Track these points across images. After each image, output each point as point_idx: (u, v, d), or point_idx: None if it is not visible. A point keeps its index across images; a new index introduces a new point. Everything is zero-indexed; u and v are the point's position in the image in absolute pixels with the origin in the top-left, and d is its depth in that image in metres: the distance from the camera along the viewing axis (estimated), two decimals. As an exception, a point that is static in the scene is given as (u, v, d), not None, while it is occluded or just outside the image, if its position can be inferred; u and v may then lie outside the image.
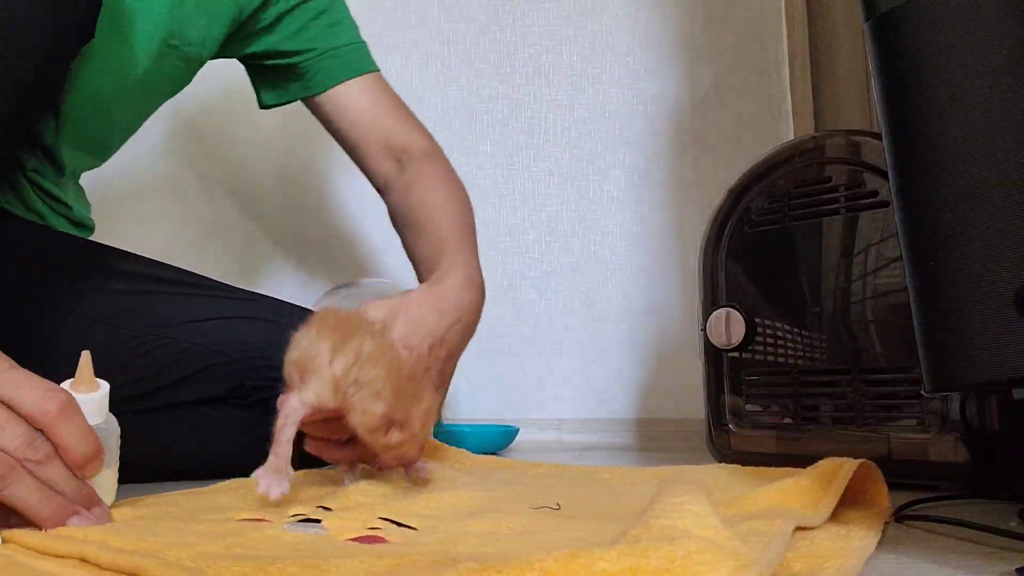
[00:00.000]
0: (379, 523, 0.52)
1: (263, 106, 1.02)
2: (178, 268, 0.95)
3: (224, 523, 0.52)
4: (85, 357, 0.53)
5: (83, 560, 0.42)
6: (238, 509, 0.59)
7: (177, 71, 0.91)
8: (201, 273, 0.97)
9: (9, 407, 0.47)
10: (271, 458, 0.57)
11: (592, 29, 1.48)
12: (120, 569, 0.40)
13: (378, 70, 1.00)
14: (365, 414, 0.55)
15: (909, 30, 0.44)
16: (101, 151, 0.96)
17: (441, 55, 1.50)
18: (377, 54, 1.01)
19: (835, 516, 0.53)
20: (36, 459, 0.47)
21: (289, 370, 0.58)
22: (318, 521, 0.52)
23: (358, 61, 0.98)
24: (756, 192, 0.87)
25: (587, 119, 1.48)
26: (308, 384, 0.56)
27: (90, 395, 0.52)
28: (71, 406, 0.49)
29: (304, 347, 0.57)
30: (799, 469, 0.59)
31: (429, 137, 1.01)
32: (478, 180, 1.47)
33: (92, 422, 0.51)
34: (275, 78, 0.99)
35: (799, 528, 0.49)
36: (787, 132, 1.39)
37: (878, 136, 0.79)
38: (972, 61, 0.42)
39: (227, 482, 0.73)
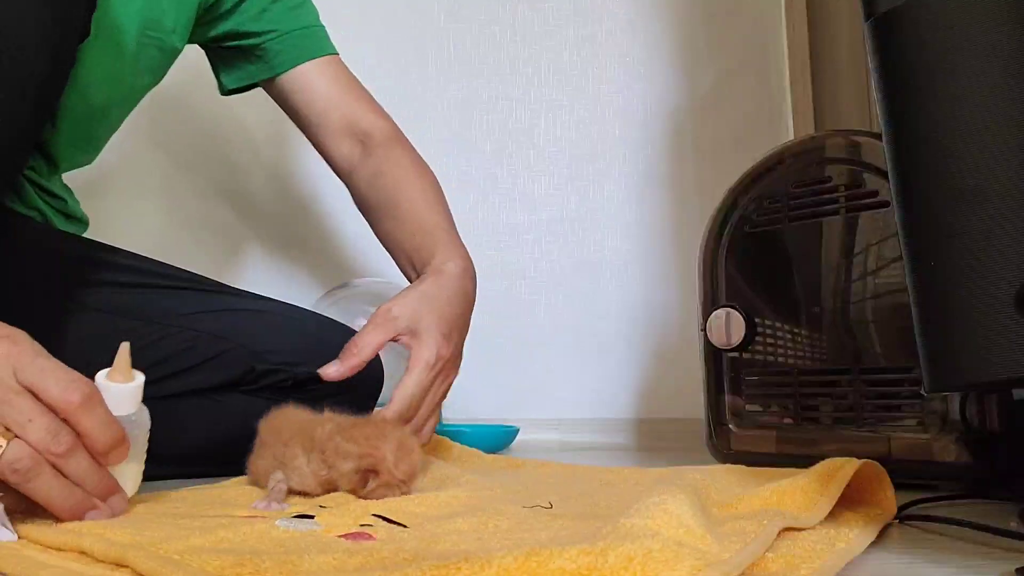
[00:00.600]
0: (371, 520, 0.53)
1: (224, 91, 1.02)
2: (180, 268, 0.96)
3: (222, 518, 0.53)
4: (124, 348, 0.55)
5: (82, 552, 0.44)
6: (242, 505, 0.61)
7: (155, 62, 0.91)
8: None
9: (35, 396, 0.49)
10: (269, 498, 0.62)
11: (592, 29, 1.48)
12: (111, 560, 0.42)
13: (337, 54, 1.02)
14: (342, 476, 0.63)
15: (909, 30, 0.44)
16: (93, 147, 0.97)
17: (441, 55, 1.50)
18: (376, 54, 1.01)
19: (835, 517, 0.53)
20: (59, 452, 0.49)
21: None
22: (311, 517, 0.53)
23: (319, 43, 1.00)
24: (756, 192, 0.87)
25: (587, 119, 1.47)
26: (293, 478, 0.64)
27: (125, 385, 0.54)
28: (94, 396, 0.51)
29: (284, 458, 0.65)
30: (799, 469, 0.58)
31: (391, 120, 1.01)
32: (478, 180, 1.47)
33: (124, 412, 0.53)
34: (236, 60, 1.00)
35: (792, 528, 0.49)
36: (787, 132, 1.39)
37: (878, 136, 0.79)
38: (972, 61, 0.42)
39: (237, 479, 0.74)
